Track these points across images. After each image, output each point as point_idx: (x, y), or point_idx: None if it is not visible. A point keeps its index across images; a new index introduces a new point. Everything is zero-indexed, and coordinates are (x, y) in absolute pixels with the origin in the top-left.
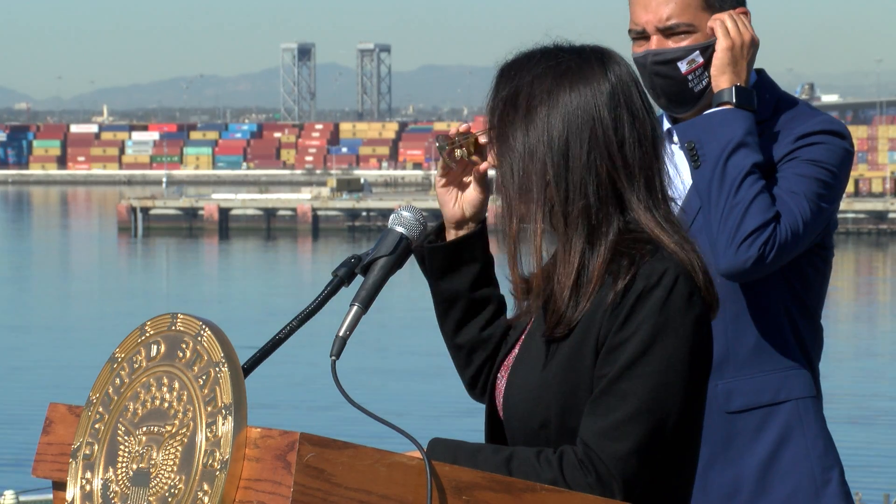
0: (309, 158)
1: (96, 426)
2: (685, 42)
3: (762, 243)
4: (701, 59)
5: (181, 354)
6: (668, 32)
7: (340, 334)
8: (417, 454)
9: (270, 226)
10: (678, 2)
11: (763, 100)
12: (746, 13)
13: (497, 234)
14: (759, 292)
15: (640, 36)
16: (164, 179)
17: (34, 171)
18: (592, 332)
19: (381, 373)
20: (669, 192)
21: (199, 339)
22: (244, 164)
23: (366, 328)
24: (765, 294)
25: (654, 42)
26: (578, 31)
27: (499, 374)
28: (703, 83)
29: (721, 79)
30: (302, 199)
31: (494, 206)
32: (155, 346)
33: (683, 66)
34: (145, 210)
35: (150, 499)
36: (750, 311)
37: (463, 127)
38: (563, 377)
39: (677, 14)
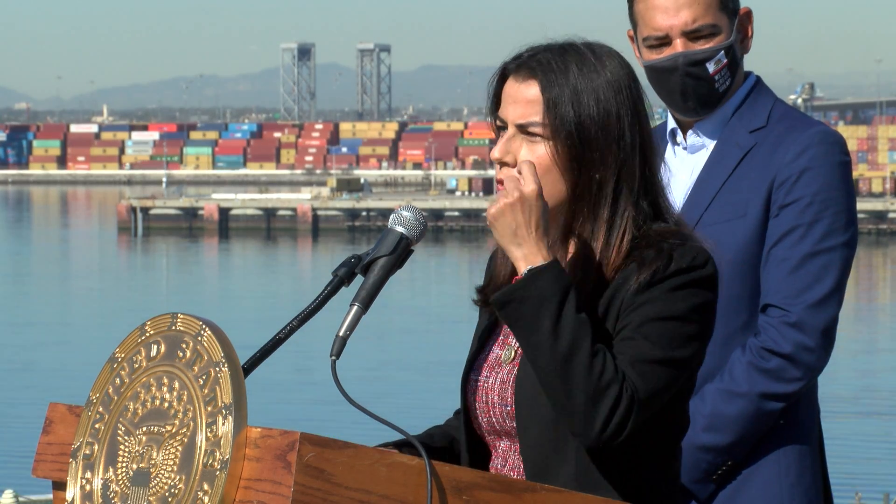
0: (309, 158)
1: (96, 426)
2: (711, 44)
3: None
4: (725, 60)
5: (181, 354)
6: (693, 35)
7: (340, 334)
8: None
9: (270, 226)
10: (700, 4)
11: (759, 106)
12: (749, 13)
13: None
14: (751, 314)
15: (661, 42)
16: (164, 179)
17: (34, 170)
18: (614, 309)
19: (381, 372)
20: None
21: (200, 338)
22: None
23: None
24: (756, 316)
25: (680, 45)
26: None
27: (476, 376)
28: (727, 84)
29: None
30: (302, 199)
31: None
32: (155, 346)
33: (711, 67)
34: (145, 210)
35: (151, 499)
36: (740, 333)
37: None
38: None
39: (702, 16)
